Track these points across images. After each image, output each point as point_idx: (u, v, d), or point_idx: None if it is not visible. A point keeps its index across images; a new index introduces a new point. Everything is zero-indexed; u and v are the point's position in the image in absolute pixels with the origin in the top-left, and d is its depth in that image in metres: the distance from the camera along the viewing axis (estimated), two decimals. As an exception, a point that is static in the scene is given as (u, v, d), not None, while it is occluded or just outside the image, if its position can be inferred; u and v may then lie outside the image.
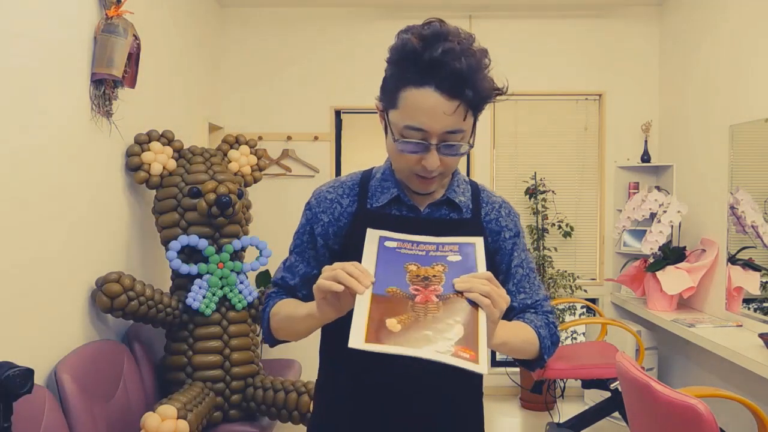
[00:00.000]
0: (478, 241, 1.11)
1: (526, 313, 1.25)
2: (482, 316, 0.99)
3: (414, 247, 1.10)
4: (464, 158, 4.43)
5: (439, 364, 0.93)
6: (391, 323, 0.97)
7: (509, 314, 1.24)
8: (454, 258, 1.08)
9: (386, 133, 1.15)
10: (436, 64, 1.03)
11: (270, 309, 1.26)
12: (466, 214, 1.24)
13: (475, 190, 1.29)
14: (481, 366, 0.95)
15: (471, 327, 0.98)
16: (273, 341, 1.28)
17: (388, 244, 1.11)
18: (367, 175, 1.27)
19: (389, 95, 1.11)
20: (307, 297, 1.24)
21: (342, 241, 1.22)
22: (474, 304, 1.00)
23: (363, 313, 0.98)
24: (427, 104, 1.05)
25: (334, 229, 1.22)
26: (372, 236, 1.12)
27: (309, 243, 1.26)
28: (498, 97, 1.13)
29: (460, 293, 1.01)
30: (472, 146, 1.13)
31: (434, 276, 1.05)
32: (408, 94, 1.06)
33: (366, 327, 0.96)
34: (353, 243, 1.15)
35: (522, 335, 1.17)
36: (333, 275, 1.00)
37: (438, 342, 0.96)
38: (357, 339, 0.96)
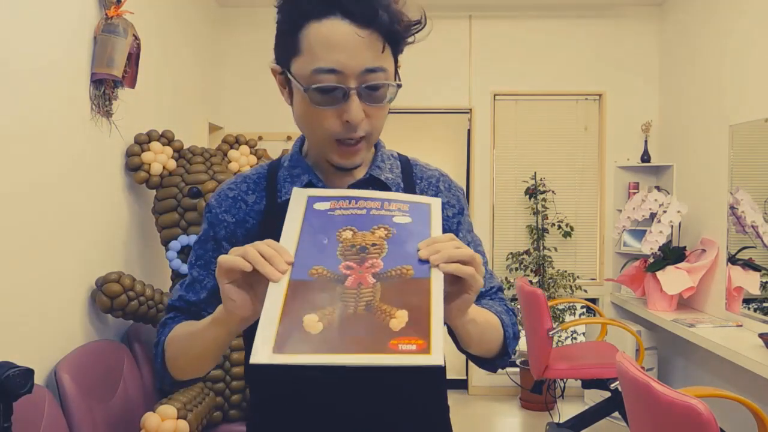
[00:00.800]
0: (435, 203, 0.89)
1: (481, 300, 1.05)
2: (436, 290, 0.76)
3: (352, 204, 0.87)
4: (464, 158, 4.43)
5: (377, 368, 0.71)
6: (310, 321, 0.74)
7: None
8: (402, 219, 0.85)
9: (290, 99, 0.97)
10: None
11: (165, 338, 1.00)
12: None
13: (406, 164, 1.08)
14: (434, 356, 0.71)
15: (419, 308, 0.75)
16: (169, 380, 1.01)
17: (318, 206, 0.87)
18: (275, 165, 1.06)
19: (287, 42, 0.92)
20: None
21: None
22: (423, 279, 0.77)
23: (274, 312, 0.75)
24: (335, 37, 0.86)
25: (242, 231, 1.01)
26: (298, 198, 0.89)
27: (214, 251, 1.01)
28: (416, 35, 0.94)
29: (403, 267, 0.78)
30: (400, 86, 0.93)
31: (373, 245, 0.82)
32: (310, 30, 0.88)
33: (275, 331, 0.73)
34: None
35: (486, 316, 0.97)
36: (242, 252, 0.78)
37: (371, 337, 0.73)
38: (262, 350, 0.72)
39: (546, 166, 4.37)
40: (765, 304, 3.07)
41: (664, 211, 3.66)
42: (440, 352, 0.72)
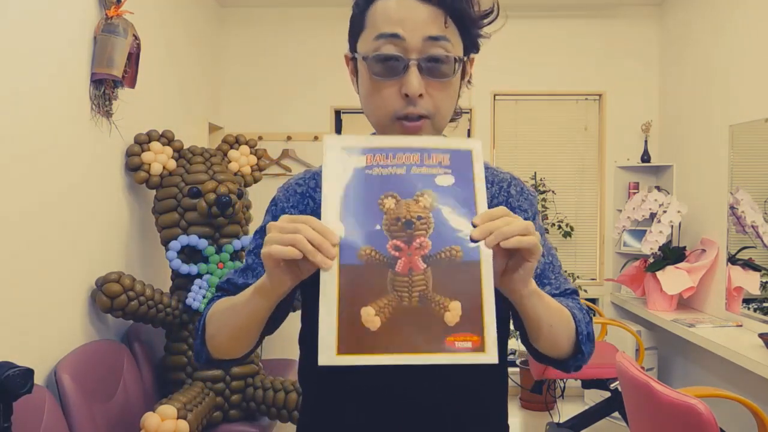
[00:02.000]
0: (476, 147, 0.82)
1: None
2: (486, 275, 0.75)
3: (390, 159, 0.81)
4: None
5: (435, 366, 0.73)
6: (368, 316, 0.74)
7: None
8: (445, 181, 0.80)
9: (357, 85, 0.96)
10: None
11: (207, 314, 0.99)
12: None
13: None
14: (489, 354, 0.73)
15: (471, 299, 0.74)
16: (206, 357, 0.99)
17: (355, 162, 0.81)
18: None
19: (355, 23, 0.95)
20: None
21: None
22: (473, 261, 0.75)
23: (331, 307, 0.74)
24: (399, 7, 0.89)
25: None
26: (332, 150, 0.81)
27: None
28: (489, 27, 0.93)
29: (453, 248, 0.76)
30: (461, 60, 0.91)
31: (419, 218, 0.77)
32: (376, 6, 0.92)
33: (336, 330, 0.73)
34: None
35: (554, 303, 0.90)
36: (290, 240, 0.75)
37: (428, 334, 0.74)
38: (328, 352, 0.73)
39: (546, 166, 4.37)
40: (765, 304, 3.07)
41: (664, 211, 3.66)
42: (494, 347, 0.73)
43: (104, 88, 2.47)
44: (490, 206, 0.91)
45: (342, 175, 0.80)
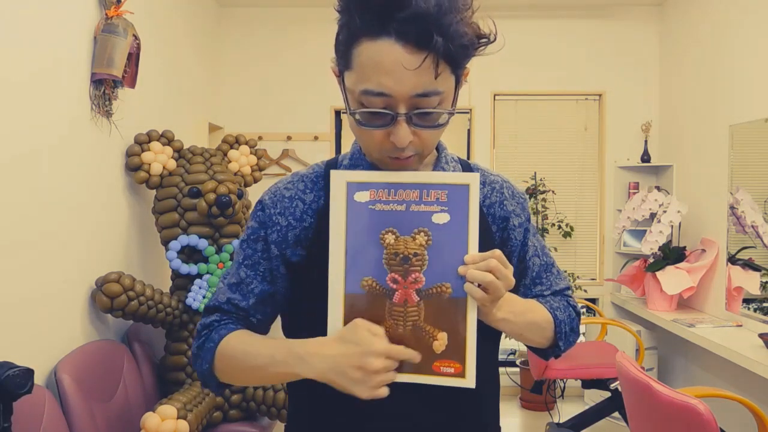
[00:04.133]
0: (473, 182, 0.87)
1: (547, 297, 1.08)
2: (471, 314, 0.86)
3: (391, 195, 0.88)
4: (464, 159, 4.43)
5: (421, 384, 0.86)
6: None
7: None
8: (441, 219, 0.87)
9: (346, 105, 0.92)
10: (394, 5, 0.80)
11: (215, 345, 0.96)
12: None
13: (467, 169, 1.06)
14: (468, 380, 0.86)
15: (456, 332, 0.86)
16: (215, 384, 0.99)
17: (358, 197, 0.88)
18: (332, 164, 1.04)
19: (341, 53, 0.89)
20: (263, 323, 1.02)
21: (305, 249, 0.97)
22: (460, 299, 0.86)
23: (337, 327, 0.87)
24: (385, 59, 0.82)
25: (294, 233, 0.98)
26: (338, 183, 0.89)
27: (263, 253, 1.00)
28: (482, 50, 0.90)
29: (442, 286, 0.87)
30: (452, 113, 0.89)
31: (415, 254, 0.87)
32: (362, 49, 0.84)
33: None
34: (319, 251, 0.92)
35: (529, 316, 0.98)
36: (379, 382, 0.84)
37: (420, 359, 0.86)
38: None
39: (546, 166, 4.37)
40: (765, 304, 3.07)
41: (664, 211, 3.66)
42: (473, 374, 0.86)
43: (104, 88, 2.47)
44: (483, 206, 1.04)
45: (347, 209, 0.88)
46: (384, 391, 0.84)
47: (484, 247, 0.88)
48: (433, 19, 0.81)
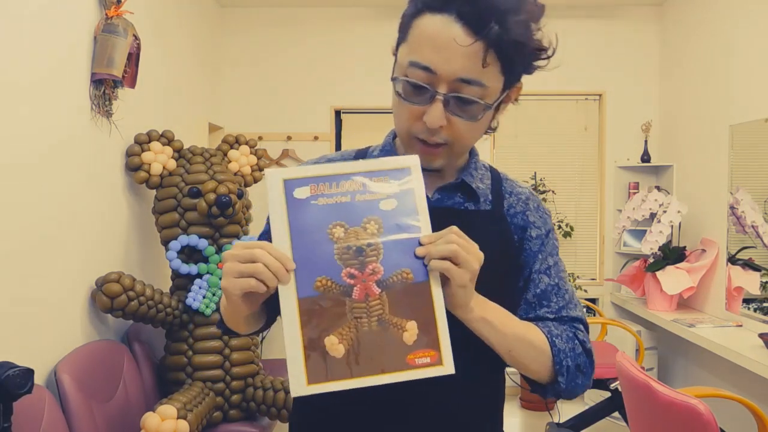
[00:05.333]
0: (414, 164, 0.84)
1: (546, 321, 0.99)
2: (437, 296, 0.80)
3: (333, 188, 0.83)
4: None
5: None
6: (332, 344, 0.78)
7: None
8: (388, 205, 0.82)
9: (393, 75, 0.92)
10: None
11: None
12: (485, 204, 0.99)
13: (497, 177, 1.05)
14: (446, 366, 0.79)
15: (425, 318, 0.79)
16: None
17: (298, 193, 0.82)
18: (362, 155, 1.04)
19: (404, 27, 0.90)
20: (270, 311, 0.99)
21: None
22: (423, 282, 0.80)
23: (295, 339, 0.78)
24: (439, 34, 0.83)
25: None
26: (274, 182, 0.82)
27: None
28: (538, 62, 0.91)
29: (403, 272, 0.80)
30: (489, 107, 0.87)
31: (369, 245, 0.81)
32: (422, 21, 0.85)
33: (304, 362, 0.78)
34: None
35: (518, 329, 0.91)
36: (251, 270, 0.77)
37: (390, 354, 0.79)
38: (298, 383, 0.78)
39: (546, 166, 4.37)
40: (765, 304, 3.07)
41: (664, 211, 3.66)
42: (450, 359, 0.79)
43: (104, 88, 2.47)
44: (507, 214, 1.01)
45: (288, 208, 0.81)
46: (237, 290, 0.79)
47: (504, 252, 0.87)
48: (497, 7, 0.82)
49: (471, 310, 0.84)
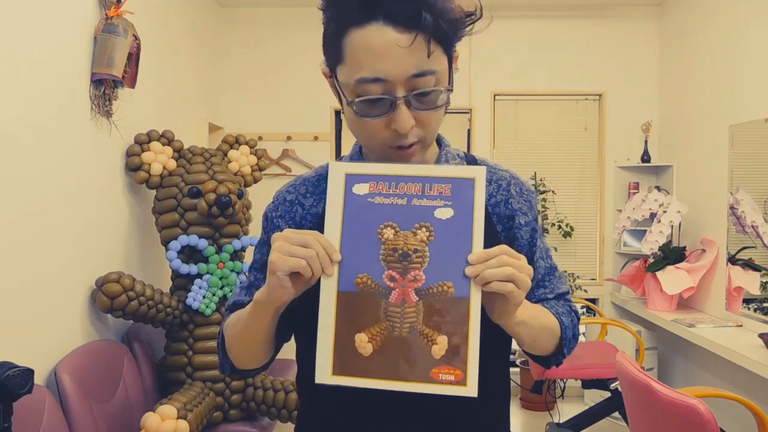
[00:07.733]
0: (479, 175, 0.82)
1: (546, 302, 1.04)
2: (475, 316, 0.79)
3: (392, 188, 0.83)
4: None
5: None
6: (361, 342, 0.80)
7: None
8: (444, 214, 0.82)
9: (341, 104, 0.90)
10: None
11: (222, 328, 1.02)
12: None
13: (474, 164, 1.02)
14: (470, 388, 0.78)
15: (458, 335, 0.79)
16: (229, 367, 1.02)
17: (357, 189, 0.83)
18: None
19: (331, 48, 0.88)
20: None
21: None
22: (463, 298, 0.79)
23: (328, 329, 0.80)
24: (378, 43, 0.82)
25: None
26: (336, 176, 0.84)
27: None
28: (473, 26, 0.90)
29: (444, 284, 0.80)
30: (450, 90, 0.89)
31: (415, 251, 0.81)
32: (352, 37, 0.83)
33: (332, 352, 0.80)
34: None
35: (542, 319, 0.94)
36: (304, 253, 0.78)
37: (415, 364, 0.79)
38: (324, 371, 0.80)
39: (546, 166, 4.37)
40: (765, 304, 3.07)
41: (664, 211, 3.66)
42: (475, 382, 0.78)
43: (104, 88, 2.47)
44: (488, 205, 0.98)
45: (344, 200, 0.83)
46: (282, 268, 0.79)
47: (489, 247, 0.84)
48: None
49: (515, 317, 0.85)
